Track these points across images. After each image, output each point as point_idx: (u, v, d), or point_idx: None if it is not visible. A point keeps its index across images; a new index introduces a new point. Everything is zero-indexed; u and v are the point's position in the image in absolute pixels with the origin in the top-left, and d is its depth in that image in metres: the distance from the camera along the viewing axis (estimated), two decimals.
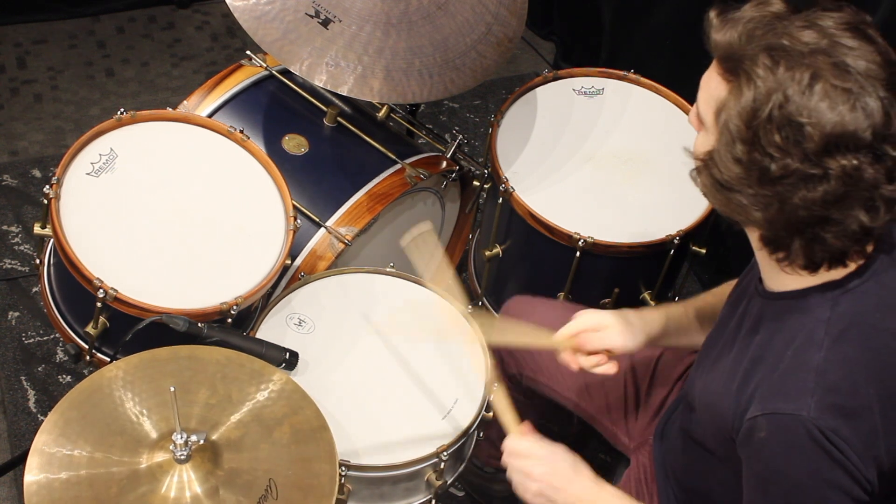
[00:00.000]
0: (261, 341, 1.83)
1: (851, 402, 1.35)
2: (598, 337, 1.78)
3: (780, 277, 1.44)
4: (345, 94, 2.07)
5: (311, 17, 2.09)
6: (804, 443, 1.34)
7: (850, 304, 1.39)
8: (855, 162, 1.28)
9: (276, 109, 2.32)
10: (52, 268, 2.04)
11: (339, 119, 2.31)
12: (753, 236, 1.45)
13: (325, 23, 2.09)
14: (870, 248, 1.40)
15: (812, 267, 1.38)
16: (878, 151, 1.29)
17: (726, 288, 1.84)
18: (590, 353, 1.79)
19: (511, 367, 2.08)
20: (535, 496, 1.63)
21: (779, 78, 1.28)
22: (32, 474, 1.51)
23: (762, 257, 1.46)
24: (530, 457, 1.63)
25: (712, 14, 1.38)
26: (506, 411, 1.72)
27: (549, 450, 1.64)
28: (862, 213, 1.31)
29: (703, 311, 1.84)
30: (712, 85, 1.37)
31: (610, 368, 1.79)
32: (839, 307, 1.39)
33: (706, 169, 1.38)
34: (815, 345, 1.37)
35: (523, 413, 2.21)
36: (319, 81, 2.06)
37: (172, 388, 1.48)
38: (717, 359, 1.56)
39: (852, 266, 1.40)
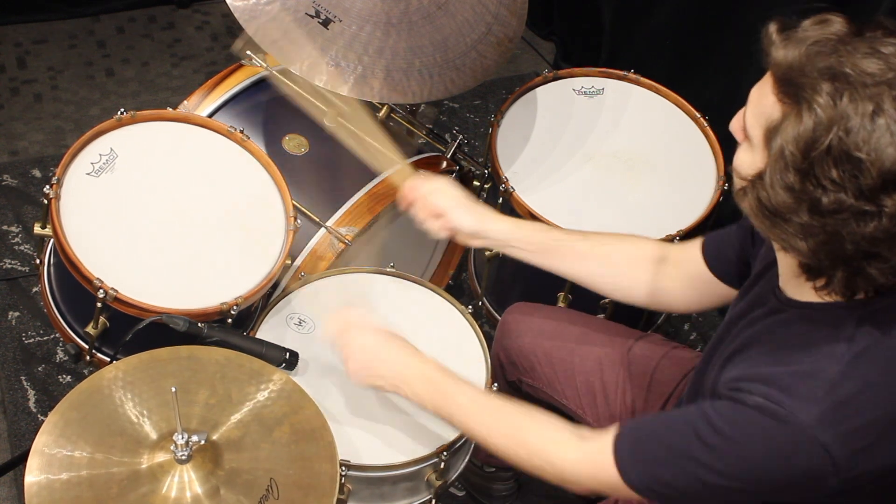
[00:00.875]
0: (261, 341, 1.83)
1: (854, 419, 1.35)
2: (435, 199, 1.86)
3: (804, 288, 1.43)
4: (345, 94, 2.07)
5: (312, 17, 2.09)
6: (784, 439, 1.35)
7: (875, 324, 1.38)
8: None
9: (276, 109, 2.32)
10: (52, 268, 2.04)
11: (339, 119, 2.31)
12: (788, 258, 1.43)
13: (326, 23, 2.09)
14: None
15: (849, 295, 1.37)
16: None
17: (593, 239, 1.88)
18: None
19: (511, 374, 2.09)
20: (356, 376, 1.70)
21: (841, 109, 1.25)
22: (33, 475, 1.51)
23: (788, 272, 1.45)
24: (341, 333, 1.69)
25: (772, 29, 1.34)
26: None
27: (357, 330, 1.70)
28: None
29: (561, 238, 1.87)
30: (766, 102, 1.33)
31: (439, 231, 1.88)
32: (864, 325, 1.38)
33: (753, 191, 1.35)
34: (834, 357, 1.36)
35: None
36: (319, 81, 2.06)
37: (174, 389, 1.48)
38: (724, 364, 1.55)
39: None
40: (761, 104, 1.34)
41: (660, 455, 1.47)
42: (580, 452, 1.55)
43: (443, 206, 1.86)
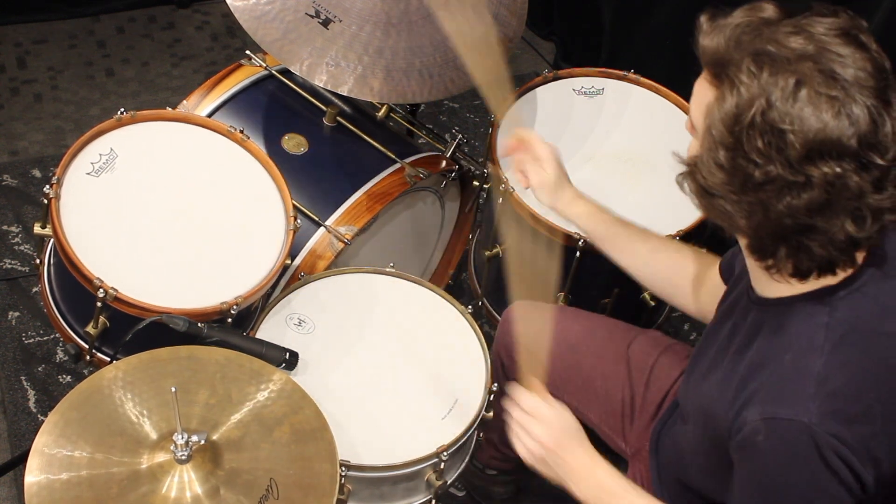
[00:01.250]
0: (261, 341, 1.83)
1: (853, 407, 1.35)
2: (533, 168, 1.86)
3: (772, 284, 1.43)
4: (345, 94, 2.07)
5: (312, 17, 2.09)
6: (803, 448, 1.34)
7: (847, 310, 1.38)
8: (838, 170, 1.26)
9: (275, 109, 2.32)
10: (52, 268, 2.04)
11: (338, 119, 2.31)
12: (742, 244, 1.44)
13: (326, 23, 2.09)
14: (861, 257, 1.39)
15: (800, 275, 1.38)
16: (863, 160, 1.27)
17: (661, 241, 1.88)
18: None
19: (512, 373, 2.08)
20: (530, 456, 1.62)
21: (762, 83, 1.27)
22: (33, 475, 1.51)
23: (753, 265, 1.46)
24: (535, 416, 1.61)
25: (703, 18, 1.36)
26: (530, 352, 1.69)
27: (555, 413, 1.62)
28: (848, 223, 1.30)
29: (622, 234, 1.88)
30: (701, 90, 1.36)
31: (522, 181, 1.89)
32: (837, 312, 1.38)
33: (691, 174, 1.37)
34: (814, 350, 1.37)
35: None
36: (320, 81, 2.06)
37: (174, 389, 1.48)
38: (709, 368, 1.55)
39: (843, 274, 1.39)
40: (699, 93, 1.37)
41: None
42: None
43: (536, 179, 1.86)
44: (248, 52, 2.38)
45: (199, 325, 1.79)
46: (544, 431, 1.60)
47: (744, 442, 1.40)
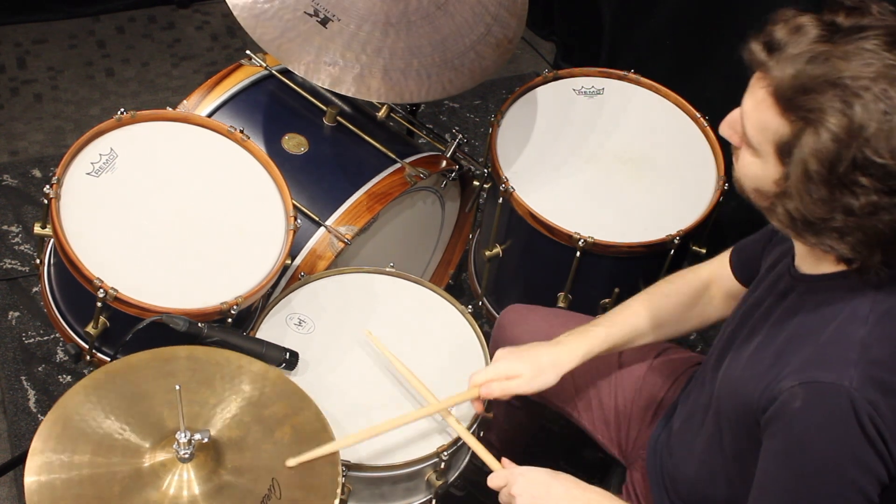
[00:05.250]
0: (261, 341, 1.83)
1: (891, 378, 1.35)
2: (501, 386, 1.79)
3: (819, 263, 1.44)
4: (343, 93, 2.07)
5: (310, 15, 2.09)
6: (842, 413, 1.34)
7: (894, 284, 1.39)
8: None
9: (275, 109, 2.33)
10: (52, 268, 2.04)
11: (338, 118, 2.31)
12: (815, 251, 1.43)
13: (324, 21, 2.09)
14: None
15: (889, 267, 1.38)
16: None
17: (662, 287, 1.87)
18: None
19: None
20: None
21: (856, 120, 1.26)
22: (33, 474, 1.51)
23: (806, 249, 1.45)
24: (508, 481, 1.66)
25: (756, 47, 1.34)
26: (483, 452, 1.75)
27: (523, 469, 1.67)
28: None
29: (632, 325, 1.84)
30: (767, 118, 1.33)
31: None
32: (884, 286, 1.39)
33: (781, 205, 1.36)
34: (859, 320, 1.38)
35: (521, 415, 2.23)
36: (318, 80, 2.06)
37: (177, 387, 1.48)
38: (741, 345, 1.55)
39: None
40: (761, 119, 1.34)
41: None
42: None
43: (516, 389, 1.81)
44: (248, 51, 2.39)
45: (199, 325, 1.79)
46: (521, 486, 1.64)
47: (778, 411, 1.39)
